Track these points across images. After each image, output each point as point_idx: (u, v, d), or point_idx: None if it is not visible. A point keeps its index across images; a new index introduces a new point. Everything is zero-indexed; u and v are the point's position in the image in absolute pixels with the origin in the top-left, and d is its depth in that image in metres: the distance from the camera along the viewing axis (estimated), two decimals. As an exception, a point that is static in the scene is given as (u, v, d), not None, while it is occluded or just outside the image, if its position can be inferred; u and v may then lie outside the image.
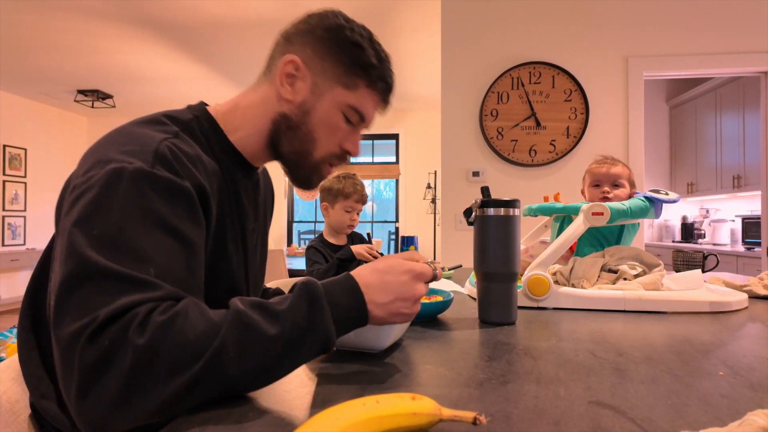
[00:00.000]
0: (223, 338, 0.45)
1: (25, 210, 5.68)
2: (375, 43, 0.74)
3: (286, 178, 0.78)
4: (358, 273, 0.55)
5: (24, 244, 5.69)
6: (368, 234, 2.08)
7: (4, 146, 5.39)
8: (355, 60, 0.71)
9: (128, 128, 0.62)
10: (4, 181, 5.39)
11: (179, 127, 0.65)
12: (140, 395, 0.42)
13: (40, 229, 5.91)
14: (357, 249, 1.73)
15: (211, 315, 0.47)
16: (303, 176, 0.77)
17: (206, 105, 0.75)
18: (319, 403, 0.45)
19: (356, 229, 2.01)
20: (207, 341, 0.44)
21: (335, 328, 0.50)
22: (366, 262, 1.61)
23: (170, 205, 0.54)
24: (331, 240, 1.95)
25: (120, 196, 0.50)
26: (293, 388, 0.50)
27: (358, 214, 1.92)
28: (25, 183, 5.68)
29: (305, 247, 2.02)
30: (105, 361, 0.43)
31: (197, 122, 0.69)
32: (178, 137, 0.62)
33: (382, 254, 1.87)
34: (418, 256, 0.61)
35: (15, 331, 2.97)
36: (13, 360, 0.71)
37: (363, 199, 1.89)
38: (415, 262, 0.58)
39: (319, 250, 1.87)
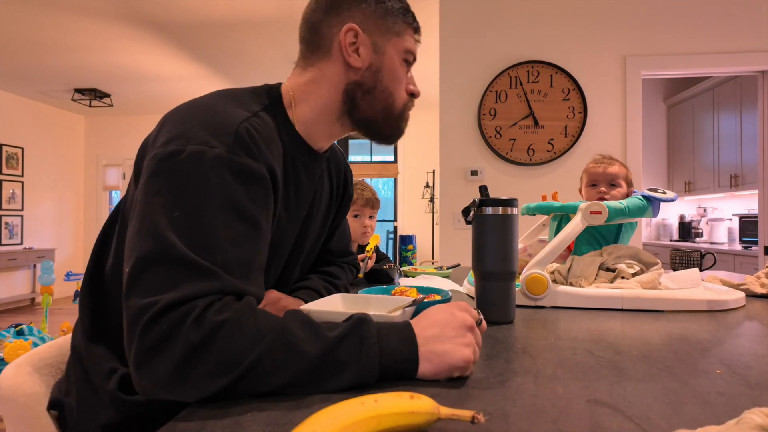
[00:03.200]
0: (261, 351, 0.47)
1: (22, 209, 5.66)
2: None
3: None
4: (421, 335, 0.52)
5: (21, 243, 5.67)
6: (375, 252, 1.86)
7: (1, 145, 5.37)
8: (396, 8, 0.75)
9: (212, 102, 0.65)
10: (1, 180, 5.37)
11: (260, 107, 0.69)
12: (182, 383, 0.46)
13: (37, 228, 5.89)
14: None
15: (262, 323, 0.49)
16: (392, 129, 0.79)
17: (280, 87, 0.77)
18: (317, 402, 0.45)
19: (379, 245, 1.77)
20: (248, 351, 0.46)
21: (378, 369, 0.49)
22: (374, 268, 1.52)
23: (246, 190, 0.57)
24: None
25: (200, 181, 0.54)
26: (292, 387, 0.50)
27: (371, 219, 1.75)
28: (23, 182, 5.66)
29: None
30: (160, 345, 0.46)
31: (274, 105, 0.72)
32: (258, 117, 0.65)
33: (385, 253, 1.79)
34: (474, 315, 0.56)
35: (12, 330, 2.96)
36: (29, 356, 0.72)
37: (371, 203, 1.74)
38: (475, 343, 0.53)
39: None
